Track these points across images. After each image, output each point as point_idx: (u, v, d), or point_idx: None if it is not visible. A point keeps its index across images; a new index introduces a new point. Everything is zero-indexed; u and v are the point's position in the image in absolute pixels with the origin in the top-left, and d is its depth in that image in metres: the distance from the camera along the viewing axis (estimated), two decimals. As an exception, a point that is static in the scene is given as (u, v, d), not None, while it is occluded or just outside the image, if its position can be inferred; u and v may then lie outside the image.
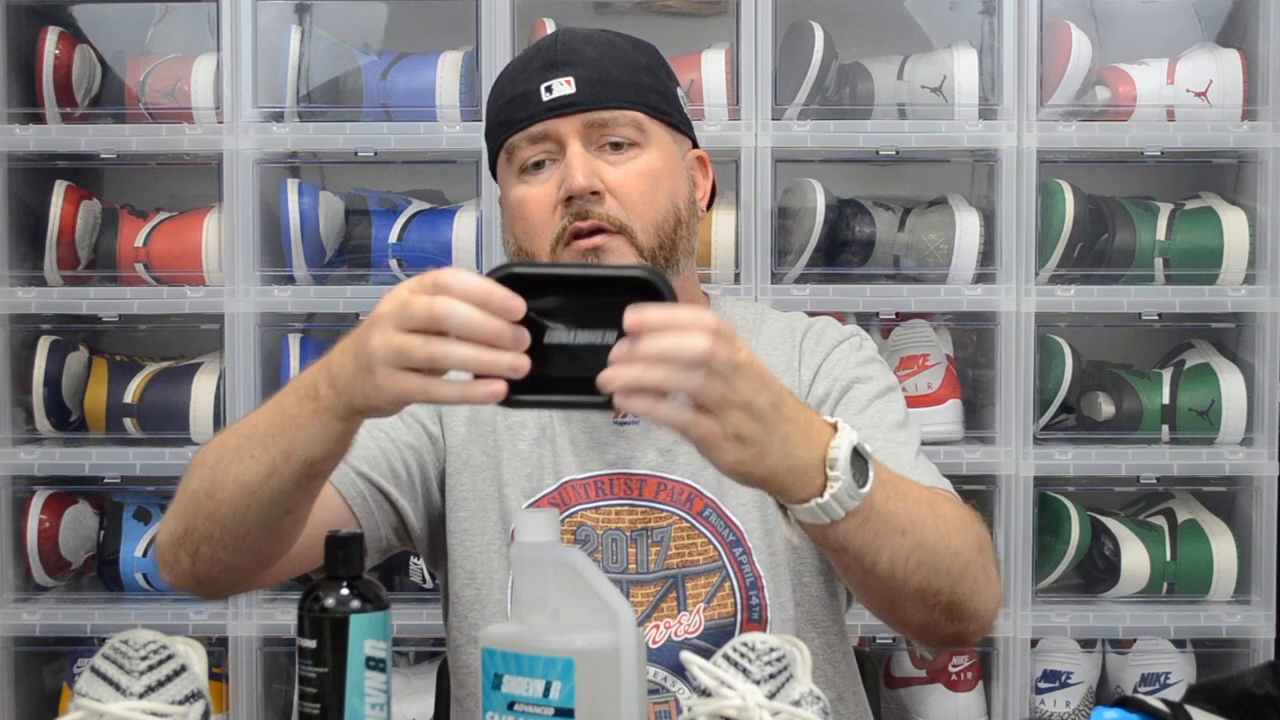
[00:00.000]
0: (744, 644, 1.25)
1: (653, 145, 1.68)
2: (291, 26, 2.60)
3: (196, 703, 1.23)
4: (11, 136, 2.57)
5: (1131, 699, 1.28)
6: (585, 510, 1.68)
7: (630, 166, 1.66)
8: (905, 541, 1.39)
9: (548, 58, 1.68)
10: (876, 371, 1.73)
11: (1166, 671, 2.62)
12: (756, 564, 1.66)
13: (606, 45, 1.70)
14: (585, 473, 1.69)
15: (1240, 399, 2.59)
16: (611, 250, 1.64)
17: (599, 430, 1.71)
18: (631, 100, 1.67)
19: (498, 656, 1.22)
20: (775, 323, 1.79)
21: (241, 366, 2.54)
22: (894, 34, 2.71)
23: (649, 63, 1.72)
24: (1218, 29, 2.73)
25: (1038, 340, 2.55)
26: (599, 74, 1.66)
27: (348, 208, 2.64)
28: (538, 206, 1.66)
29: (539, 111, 1.65)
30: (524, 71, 1.69)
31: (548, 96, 1.65)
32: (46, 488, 2.63)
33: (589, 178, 1.63)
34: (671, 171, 1.69)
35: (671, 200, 1.68)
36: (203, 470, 1.48)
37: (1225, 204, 2.65)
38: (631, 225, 1.65)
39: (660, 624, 1.65)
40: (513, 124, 1.68)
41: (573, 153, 1.65)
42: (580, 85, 1.65)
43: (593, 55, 1.68)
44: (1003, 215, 2.54)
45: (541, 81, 1.66)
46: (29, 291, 2.58)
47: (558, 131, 1.65)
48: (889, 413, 1.68)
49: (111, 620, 2.53)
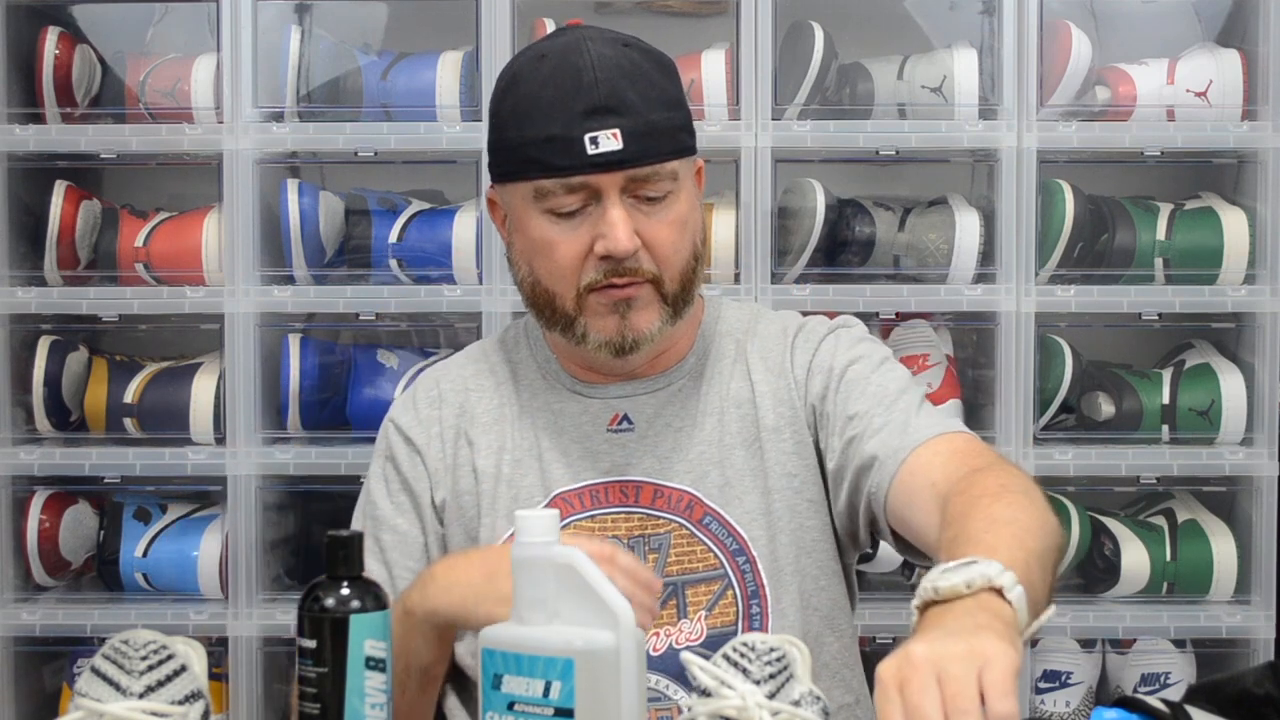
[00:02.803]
0: (744, 644, 1.25)
1: (682, 190, 1.67)
2: (291, 26, 2.60)
3: (196, 703, 1.23)
4: (11, 136, 2.57)
5: (1131, 699, 1.28)
6: (580, 520, 1.67)
7: (664, 218, 1.65)
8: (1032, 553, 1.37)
9: (591, 101, 1.61)
10: (867, 349, 1.73)
11: (1166, 671, 2.62)
12: (760, 573, 1.65)
13: (644, 81, 1.64)
14: (578, 482, 1.69)
15: (1240, 399, 2.59)
16: (641, 301, 1.65)
17: (592, 439, 1.70)
18: (671, 150, 1.65)
19: (498, 656, 1.22)
20: (770, 324, 1.79)
21: (241, 366, 2.54)
22: (894, 34, 2.71)
23: (676, 92, 1.68)
24: (1218, 29, 2.72)
25: (1038, 340, 2.55)
26: (644, 125, 1.62)
27: (348, 208, 2.64)
28: (568, 254, 1.64)
29: (582, 164, 1.61)
30: (564, 111, 1.62)
31: (593, 150, 1.60)
32: (46, 488, 2.62)
33: (630, 239, 1.62)
34: (693, 209, 1.69)
35: (693, 241, 1.69)
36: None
37: (1225, 204, 2.65)
38: (661, 275, 1.65)
39: (660, 631, 1.64)
40: (549, 168, 1.62)
41: (614, 214, 1.62)
42: (628, 139, 1.61)
43: (635, 99, 1.62)
44: (1003, 215, 2.54)
45: (585, 130, 1.60)
46: (29, 291, 2.58)
47: (599, 185, 1.62)
48: (889, 382, 1.68)
49: (111, 620, 2.52)
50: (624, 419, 1.71)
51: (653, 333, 1.66)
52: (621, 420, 1.71)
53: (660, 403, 1.72)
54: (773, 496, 1.68)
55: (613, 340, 1.66)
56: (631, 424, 1.71)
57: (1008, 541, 1.36)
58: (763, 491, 1.68)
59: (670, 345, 1.73)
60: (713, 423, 1.71)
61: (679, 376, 1.74)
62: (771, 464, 1.69)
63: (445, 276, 2.58)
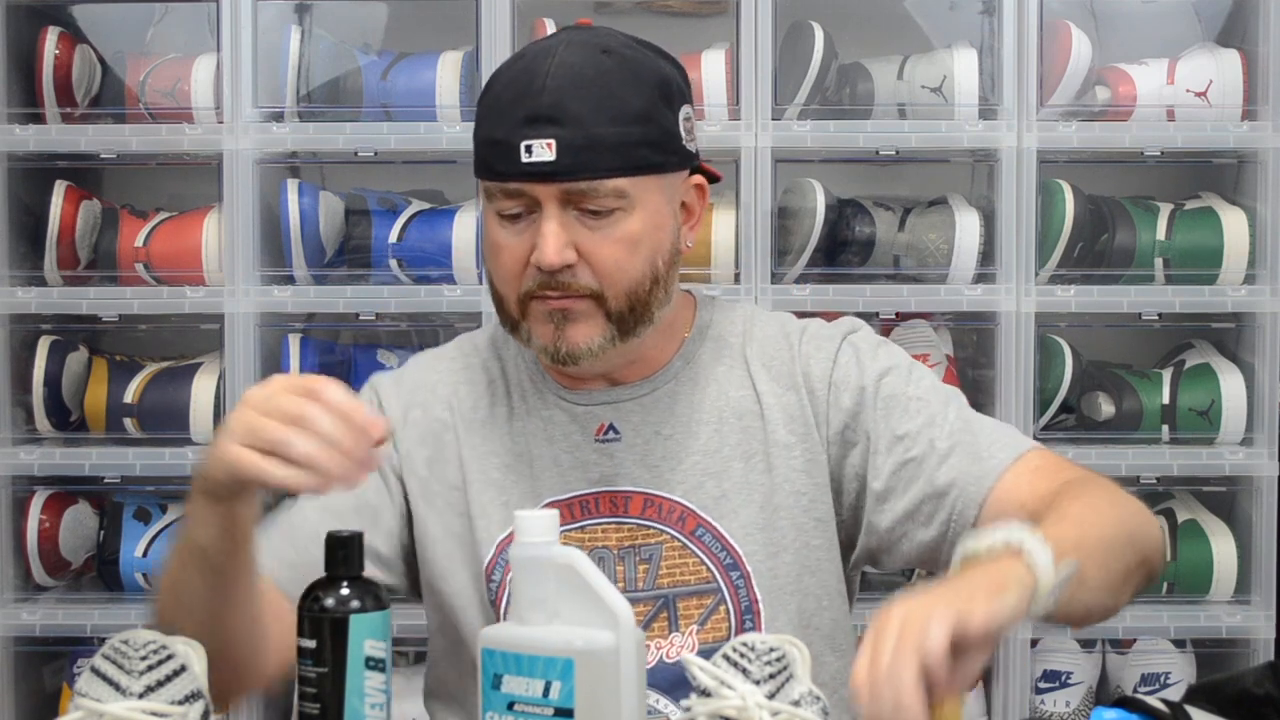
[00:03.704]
0: (744, 644, 1.25)
1: (637, 208, 1.59)
2: (291, 26, 2.60)
3: (196, 703, 1.23)
4: (11, 136, 2.57)
5: (1131, 699, 1.28)
6: (569, 531, 1.63)
7: (609, 233, 1.58)
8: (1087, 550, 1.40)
9: (531, 108, 1.56)
10: (889, 357, 1.68)
11: (1166, 671, 2.62)
12: (755, 588, 1.61)
13: (600, 90, 1.57)
14: (568, 493, 1.64)
15: (1240, 399, 2.59)
16: (579, 314, 1.59)
17: (581, 449, 1.66)
18: (615, 167, 1.57)
19: (497, 656, 1.22)
20: (766, 326, 1.73)
21: (241, 366, 2.54)
22: (894, 34, 2.71)
23: (645, 105, 1.59)
24: (1218, 29, 2.73)
25: (1038, 340, 2.55)
26: (583, 137, 1.55)
27: (348, 208, 2.64)
28: (510, 259, 1.60)
29: (515, 172, 1.57)
30: (506, 113, 1.59)
31: (526, 158, 1.56)
32: (46, 488, 2.63)
33: (559, 254, 1.56)
34: (655, 229, 1.61)
35: (650, 262, 1.61)
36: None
37: (1225, 204, 2.65)
38: (603, 291, 1.59)
39: (651, 644, 1.60)
40: (491, 172, 1.60)
41: (547, 227, 1.57)
42: (561, 151, 1.55)
43: (579, 109, 1.56)
44: (1003, 215, 2.54)
45: (522, 138, 1.56)
46: (29, 291, 2.58)
47: (534, 194, 1.57)
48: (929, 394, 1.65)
49: (111, 620, 2.52)
50: (610, 428, 1.66)
51: (591, 348, 1.60)
52: (607, 430, 1.66)
53: (646, 409, 1.67)
54: (779, 514, 1.64)
55: (549, 348, 1.61)
56: (618, 433, 1.66)
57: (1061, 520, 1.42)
58: (765, 507, 1.64)
59: (642, 354, 1.67)
60: (709, 431, 1.66)
61: (664, 381, 1.68)
62: (780, 480, 1.65)
63: (445, 276, 2.58)
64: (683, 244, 1.67)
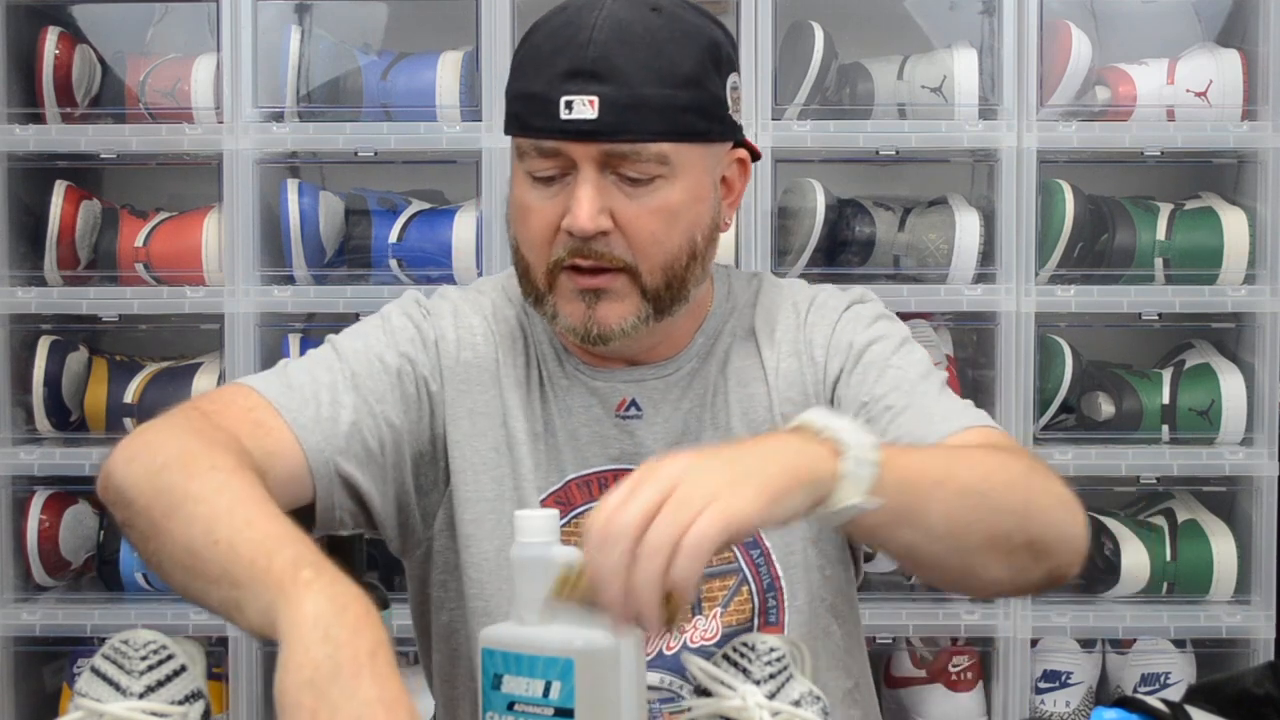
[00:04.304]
0: (744, 644, 1.25)
1: (678, 176, 1.51)
2: (291, 26, 2.60)
3: (196, 703, 1.23)
4: (11, 136, 2.57)
5: (1131, 699, 1.28)
6: (587, 510, 1.58)
7: (647, 202, 1.50)
8: (948, 491, 1.32)
9: (575, 61, 1.48)
10: (885, 328, 1.63)
11: (1166, 671, 2.62)
12: (775, 565, 1.58)
13: (649, 48, 1.49)
14: (588, 469, 1.60)
15: (1240, 399, 2.59)
16: (612, 293, 1.52)
17: (600, 423, 1.61)
18: (660, 131, 1.49)
19: (498, 656, 1.22)
20: (777, 294, 1.68)
21: (241, 366, 2.54)
22: (894, 34, 2.71)
23: (694, 68, 1.51)
24: (1218, 29, 2.73)
25: (1038, 340, 2.55)
26: (628, 95, 1.47)
27: (348, 208, 2.64)
28: (540, 223, 1.52)
29: (554, 129, 1.48)
30: (549, 68, 1.49)
31: (566, 115, 1.47)
32: (46, 488, 2.63)
33: (593, 219, 1.48)
34: (695, 200, 1.53)
35: (689, 235, 1.53)
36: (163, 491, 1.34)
37: (1225, 204, 2.65)
38: (637, 265, 1.51)
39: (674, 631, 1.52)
40: (526, 127, 1.52)
41: (582, 190, 1.48)
42: (604, 109, 1.46)
43: (626, 67, 1.47)
44: (1003, 215, 2.54)
45: (562, 93, 1.47)
46: (29, 291, 2.58)
47: (572, 154, 1.49)
48: (909, 366, 1.58)
49: (111, 620, 2.53)
50: (631, 404, 1.61)
51: (624, 328, 1.53)
52: (629, 405, 1.61)
53: (667, 387, 1.62)
54: None
55: (578, 328, 1.54)
56: (640, 410, 1.61)
57: (938, 452, 1.35)
58: None
59: (669, 334, 1.61)
60: (720, 403, 1.62)
61: (687, 360, 1.63)
62: None
63: (445, 276, 2.58)
64: (722, 221, 1.60)
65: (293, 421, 1.51)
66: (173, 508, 1.32)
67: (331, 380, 1.57)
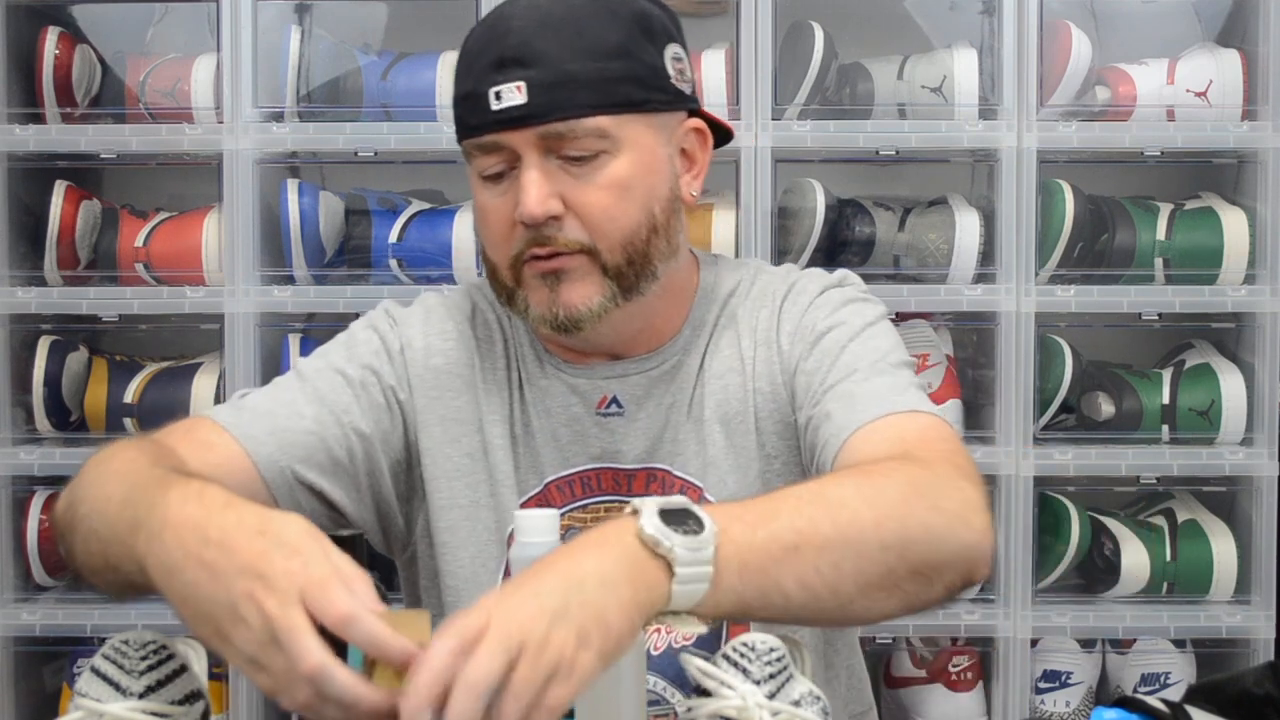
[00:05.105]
0: (744, 644, 1.25)
1: (623, 149, 1.50)
2: (291, 26, 2.60)
3: (196, 703, 1.23)
4: (11, 136, 2.57)
5: (1131, 699, 1.28)
6: (572, 510, 1.58)
7: (594, 179, 1.49)
8: (806, 553, 1.22)
9: (498, 53, 1.48)
10: (850, 315, 1.58)
11: (1166, 671, 2.62)
12: None
13: (570, 27, 1.49)
14: (568, 469, 1.59)
15: (1240, 399, 2.59)
16: (573, 272, 1.51)
17: (581, 422, 1.60)
18: (595, 104, 1.48)
19: (498, 657, 1.22)
20: (762, 281, 1.66)
21: (241, 366, 2.54)
22: (894, 34, 2.71)
23: (623, 40, 1.50)
24: (1218, 29, 2.73)
25: (1038, 340, 2.55)
26: (555, 75, 1.47)
27: (348, 208, 2.64)
28: (497, 220, 1.53)
29: (486, 122, 1.49)
30: (475, 63, 1.51)
31: (496, 105, 1.47)
32: (46, 488, 2.62)
33: (541, 205, 1.48)
34: (647, 173, 1.52)
35: (645, 207, 1.52)
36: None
37: (1225, 204, 2.65)
38: (596, 245, 1.50)
39: (661, 629, 1.55)
40: (465, 128, 1.52)
41: (526, 177, 1.48)
42: (533, 91, 1.46)
43: (549, 48, 1.48)
44: (1003, 215, 2.54)
45: (490, 85, 1.48)
46: (29, 291, 2.58)
47: (511, 144, 1.49)
48: (864, 352, 1.53)
49: (111, 620, 2.52)
50: (612, 401, 1.60)
51: (591, 309, 1.51)
52: (610, 403, 1.60)
53: (651, 382, 1.60)
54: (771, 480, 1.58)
55: (546, 315, 1.52)
56: (621, 407, 1.59)
57: (787, 505, 1.23)
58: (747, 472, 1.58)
59: (649, 322, 1.60)
60: (698, 397, 1.60)
61: (672, 353, 1.61)
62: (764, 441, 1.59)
63: (445, 277, 2.57)
64: (685, 193, 1.58)
65: (241, 436, 1.53)
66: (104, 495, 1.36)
67: (291, 398, 1.58)
